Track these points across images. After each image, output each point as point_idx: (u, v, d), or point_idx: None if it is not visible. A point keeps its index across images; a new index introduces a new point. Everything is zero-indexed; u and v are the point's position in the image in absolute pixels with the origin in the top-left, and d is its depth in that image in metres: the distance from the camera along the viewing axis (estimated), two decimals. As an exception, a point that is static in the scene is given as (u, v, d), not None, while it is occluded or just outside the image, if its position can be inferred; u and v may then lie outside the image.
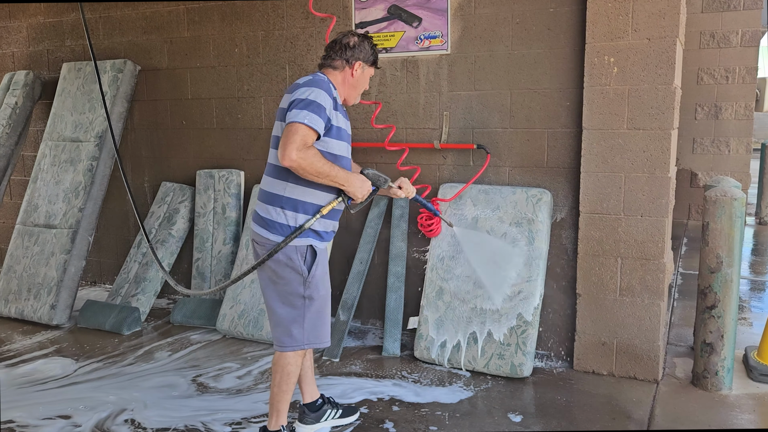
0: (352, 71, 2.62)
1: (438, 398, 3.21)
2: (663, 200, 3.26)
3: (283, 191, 2.49)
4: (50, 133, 4.94)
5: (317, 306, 2.58)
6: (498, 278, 3.34)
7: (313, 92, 2.40)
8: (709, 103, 7.52)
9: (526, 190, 3.60)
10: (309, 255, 2.53)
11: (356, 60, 2.62)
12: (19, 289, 4.58)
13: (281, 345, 2.58)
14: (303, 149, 2.32)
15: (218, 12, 4.54)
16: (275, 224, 2.50)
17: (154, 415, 3.07)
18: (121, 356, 3.84)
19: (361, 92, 2.73)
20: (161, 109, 4.90)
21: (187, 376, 3.53)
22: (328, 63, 2.63)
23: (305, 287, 2.53)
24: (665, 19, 3.17)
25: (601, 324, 3.44)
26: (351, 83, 2.64)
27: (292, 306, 2.54)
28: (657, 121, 3.23)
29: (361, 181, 2.54)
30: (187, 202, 4.69)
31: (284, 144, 2.32)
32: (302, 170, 2.35)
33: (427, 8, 3.83)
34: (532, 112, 3.64)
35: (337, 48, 2.62)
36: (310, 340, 2.58)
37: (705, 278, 3.20)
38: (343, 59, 2.61)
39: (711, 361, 3.20)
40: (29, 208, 4.82)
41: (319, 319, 2.60)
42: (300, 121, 2.33)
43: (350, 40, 2.62)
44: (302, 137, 2.32)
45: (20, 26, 5.44)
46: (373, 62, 2.70)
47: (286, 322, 2.56)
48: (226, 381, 3.45)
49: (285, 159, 2.31)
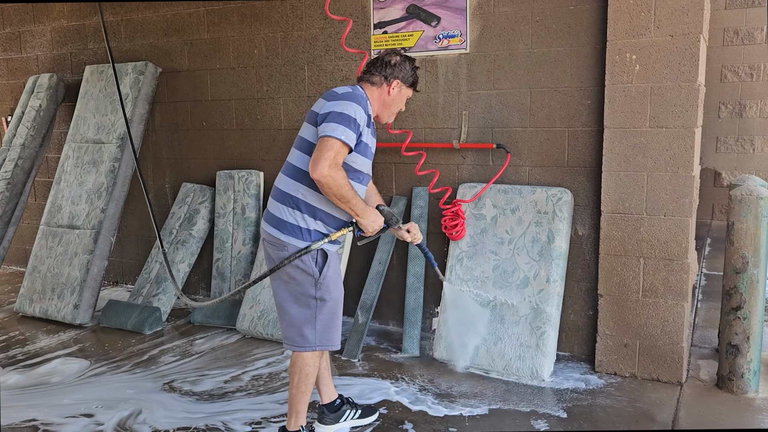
0: (389, 89, 2.64)
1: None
2: (687, 199, 3.21)
3: (297, 192, 2.51)
4: (73, 135, 5.01)
5: (329, 308, 2.59)
6: (466, 341, 3.33)
7: (351, 107, 2.43)
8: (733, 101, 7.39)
9: (546, 189, 3.57)
10: (320, 257, 2.54)
11: (395, 78, 2.63)
12: (44, 289, 4.65)
13: (294, 345, 2.60)
14: (335, 168, 2.35)
15: (237, 14, 4.57)
16: (286, 225, 2.51)
17: (175, 414, 3.10)
18: (141, 355, 3.88)
19: (395, 112, 2.73)
20: (182, 110, 4.94)
21: (209, 375, 3.55)
22: (367, 78, 2.65)
23: (317, 288, 2.54)
24: (688, 15, 3.12)
25: (623, 325, 3.39)
26: (386, 101, 2.66)
27: (305, 307, 2.56)
28: (680, 119, 3.18)
29: (375, 216, 2.56)
30: (207, 203, 4.72)
31: (318, 157, 2.34)
32: (327, 188, 2.37)
33: (446, 7, 3.81)
34: (552, 110, 3.60)
35: (378, 65, 2.64)
36: (321, 342, 2.60)
37: (730, 279, 3.15)
38: (382, 76, 2.62)
39: (736, 364, 3.14)
40: (53, 209, 4.89)
41: (331, 321, 2.61)
42: (336, 137, 2.36)
43: (392, 59, 2.64)
44: (335, 153, 2.35)
45: (44, 30, 5.52)
46: (412, 84, 2.71)
47: (298, 322, 2.57)
48: (248, 380, 3.47)
49: (315, 172, 2.33)
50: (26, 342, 4.17)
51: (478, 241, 3.68)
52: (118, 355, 3.90)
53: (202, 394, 3.31)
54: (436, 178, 3.77)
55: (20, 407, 3.18)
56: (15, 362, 3.80)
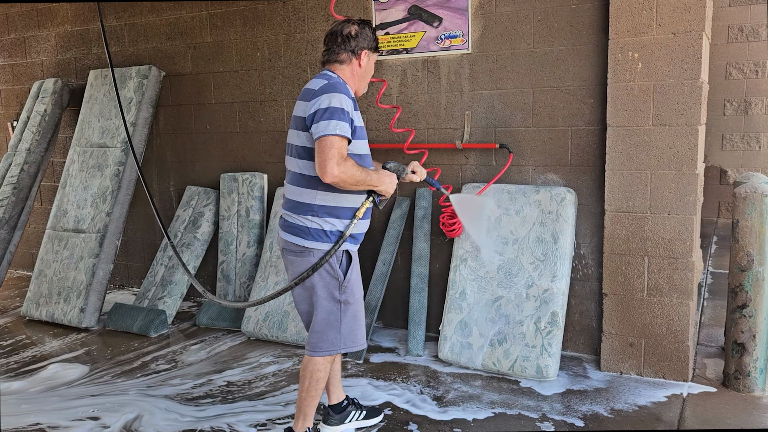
0: (359, 62, 2.55)
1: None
2: (691, 197, 3.20)
3: (314, 200, 2.46)
4: (78, 139, 5.04)
5: (353, 310, 2.57)
6: (485, 233, 3.41)
7: (335, 98, 2.35)
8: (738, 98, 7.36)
9: (550, 189, 3.56)
10: (345, 259, 2.52)
11: (361, 49, 2.54)
12: (50, 293, 4.67)
13: (315, 350, 2.55)
14: (342, 163, 2.31)
15: (240, 17, 4.58)
16: (309, 230, 2.47)
17: (180, 416, 3.10)
18: (147, 358, 3.89)
19: (368, 80, 2.65)
20: (185, 113, 4.96)
21: (214, 377, 3.56)
22: (334, 58, 2.54)
23: (341, 291, 2.52)
24: (690, 12, 3.11)
25: (628, 324, 3.38)
26: (360, 74, 2.58)
27: (329, 311, 2.53)
28: (683, 117, 3.17)
29: (389, 177, 2.54)
30: (211, 206, 4.74)
31: (323, 160, 2.29)
32: (344, 183, 2.34)
33: (448, 8, 3.81)
34: (555, 110, 3.60)
35: (339, 40, 2.52)
36: (346, 344, 2.57)
37: (735, 277, 3.13)
38: (348, 51, 2.52)
39: (743, 362, 3.12)
40: (59, 213, 4.92)
41: (355, 323, 2.59)
42: (332, 134, 2.30)
43: (351, 29, 2.53)
44: (338, 150, 2.30)
45: (48, 35, 5.56)
46: (376, 47, 2.62)
47: (322, 327, 2.54)
48: (253, 382, 3.47)
49: (327, 176, 2.29)
50: (33, 345, 4.19)
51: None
52: (124, 358, 3.92)
53: (208, 396, 3.32)
54: (438, 174, 3.77)
55: (25, 411, 3.19)
56: (21, 365, 3.82)
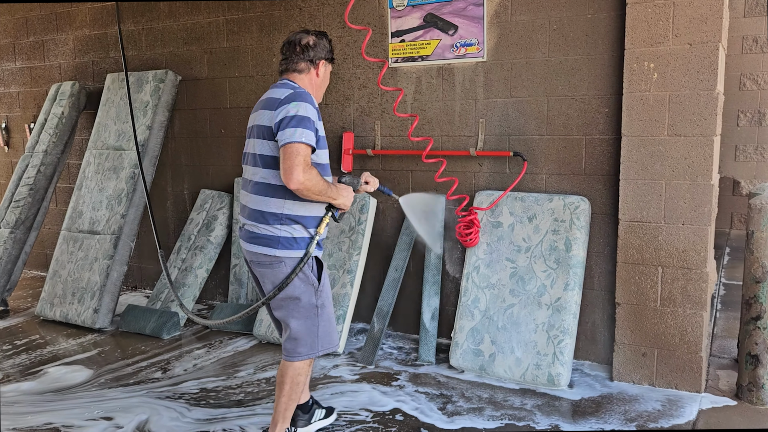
0: (317, 71, 2.61)
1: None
2: (705, 208, 3.19)
3: (281, 209, 2.48)
4: (95, 142, 5.09)
5: (327, 312, 2.63)
6: (428, 228, 3.52)
7: (301, 107, 2.40)
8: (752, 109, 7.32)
9: (564, 197, 3.56)
10: (316, 266, 2.58)
11: (319, 59, 2.60)
12: (64, 293, 4.72)
13: (294, 355, 2.60)
14: (307, 170, 2.35)
15: (256, 23, 4.62)
16: (279, 239, 2.49)
17: (192, 418, 3.12)
18: (159, 360, 3.92)
19: (324, 90, 2.70)
20: (201, 117, 5.00)
21: (226, 380, 3.58)
22: (293, 67, 2.59)
23: (317, 297, 2.57)
24: (707, 23, 3.11)
25: (641, 334, 3.37)
26: (317, 84, 2.63)
27: (307, 317, 2.58)
28: (699, 128, 3.17)
29: (347, 190, 2.58)
30: (225, 209, 4.77)
31: (289, 167, 2.33)
32: (307, 191, 2.38)
33: (463, 16, 3.83)
34: (569, 119, 3.60)
35: (298, 50, 2.57)
36: (324, 346, 2.62)
37: (749, 288, 3.12)
38: (306, 61, 2.57)
39: (756, 374, 3.11)
40: (74, 214, 4.97)
41: (330, 325, 2.65)
42: (297, 141, 2.34)
43: (308, 40, 2.59)
44: (304, 157, 2.35)
45: (67, 39, 5.63)
46: (332, 58, 2.68)
47: (302, 332, 2.58)
48: (263, 384, 3.49)
49: (292, 182, 2.33)
50: (46, 345, 4.23)
51: (494, 249, 3.68)
52: (137, 359, 3.95)
53: (220, 398, 3.34)
54: (455, 185, 3.77)
55: (38, 411, 3.22)
56: (34, 364, 3.85)
